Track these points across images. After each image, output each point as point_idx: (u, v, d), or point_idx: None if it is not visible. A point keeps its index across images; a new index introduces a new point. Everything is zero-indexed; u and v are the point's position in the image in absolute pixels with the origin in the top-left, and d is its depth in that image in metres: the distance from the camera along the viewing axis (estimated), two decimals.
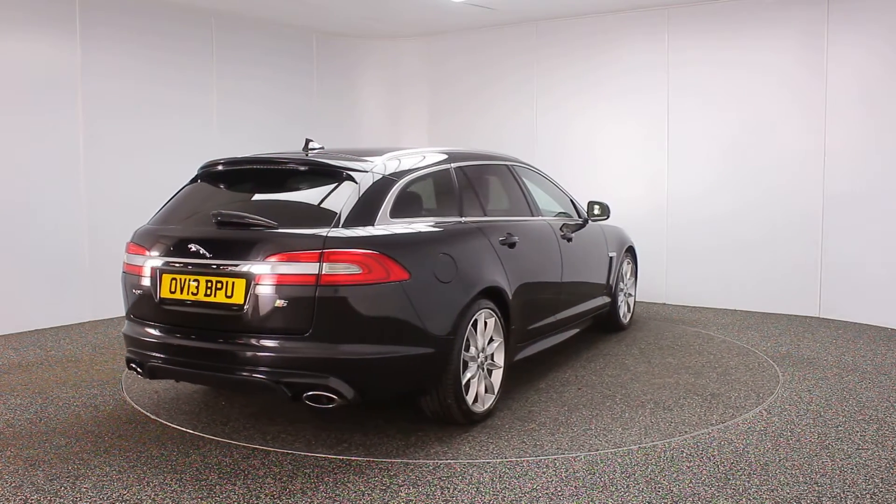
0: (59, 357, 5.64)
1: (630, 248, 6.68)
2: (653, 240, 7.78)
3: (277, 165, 4.00)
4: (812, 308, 7.11)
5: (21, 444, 3.79)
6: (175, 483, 3.30)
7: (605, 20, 8.01)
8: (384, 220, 3.71)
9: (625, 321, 6.53)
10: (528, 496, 3.16)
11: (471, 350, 3.97)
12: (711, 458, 3.57)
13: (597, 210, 5.91)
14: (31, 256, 6.57)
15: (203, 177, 4.20)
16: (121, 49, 7.10)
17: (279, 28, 8.57)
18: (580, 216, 5.86)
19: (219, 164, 4.13)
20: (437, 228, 4.02)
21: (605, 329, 6.38)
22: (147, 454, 3.65)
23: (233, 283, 3.51)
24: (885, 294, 6.60)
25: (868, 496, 3.15)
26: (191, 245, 3.65)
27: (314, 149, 4.30)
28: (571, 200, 5.89)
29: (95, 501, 3.12)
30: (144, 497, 3.16)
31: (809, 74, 6.95)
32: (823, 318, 6.98)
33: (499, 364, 4.24)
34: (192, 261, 3.64)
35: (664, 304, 7.80)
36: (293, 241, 3.46)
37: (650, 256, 7.71)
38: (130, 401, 4.54)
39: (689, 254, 7.70)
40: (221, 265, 3.56)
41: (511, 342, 4.39)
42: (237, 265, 3.51)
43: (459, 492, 3.21)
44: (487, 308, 4.08)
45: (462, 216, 4.29)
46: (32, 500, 3.13)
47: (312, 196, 3.88)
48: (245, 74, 8.19)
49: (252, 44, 8.29)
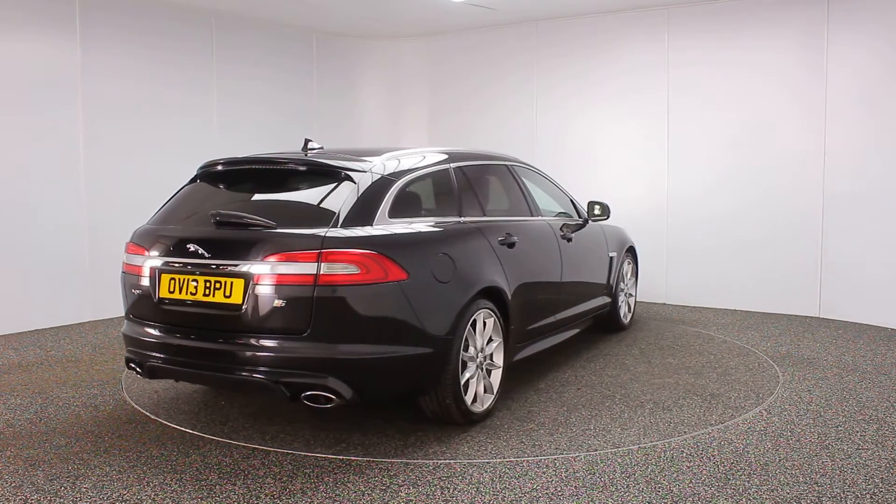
0: (59, 357, 5.64)
1: (631, 248, 6.68)
2: (653, 240, 7.78)
3: (276, 165, 4.00)
4: (812, 308, 7.10)
5: (21, 444, 3.79)
6: (175, 483, 3.30)
7: (605, 20, 8.01)
8: (383, 220, 3.71)
9: (625, 321, 6.53)
10: (528, 496, 3.16)
11: (470, 350, 3.97)
12: (711, 458, 3.57)
13: (597, 210, 5.90)
14: (31, 256, 6.57)
15: (202, 177, 4.20)
16: (121, 49, 7.10)
17: (279, 28, 8.57)
18: (580, 216, 5.85)
19: (218, 164, 4.13)
20: (436, 228, 4.02)
21: (606, 329, 6.37)
22: (147, 454, 3.65)
23: (231, 283, 3.51)
24: (885, 294, 6.59)
25: (868, 496, 3.15)
26: (189, 245, 3.65)
27: (313, 149, 4.30)
28: (571, 200, 5.89)
29: (95, 501, 3.12)
30: (144, 497, 3.16)
31: (809, 74, 6.95)
32: (823, 318, 6.98)
33: (498, 364, 4.24)
34: (191, 261, 3.64)
35: (664, 304, 7.80)
36: (291, 241, 3.46)
37: (650, 256, 7.71)
38: (130, 401, 4.54)
39: (689, 254, 7.69)
40: (220, 265, 3.56)
41: (510, 342, 4.38)
42: (236, 265, 3.51)
43: (459, 492, 3.21)
44: (486, 308, 4.08)
45: (461, 216, 4.29)
46: (32, 500, 3.14)
47: (311, 196, 3.88)
48: (245, 74, 8.19)
49: (252, 44, 8.29)
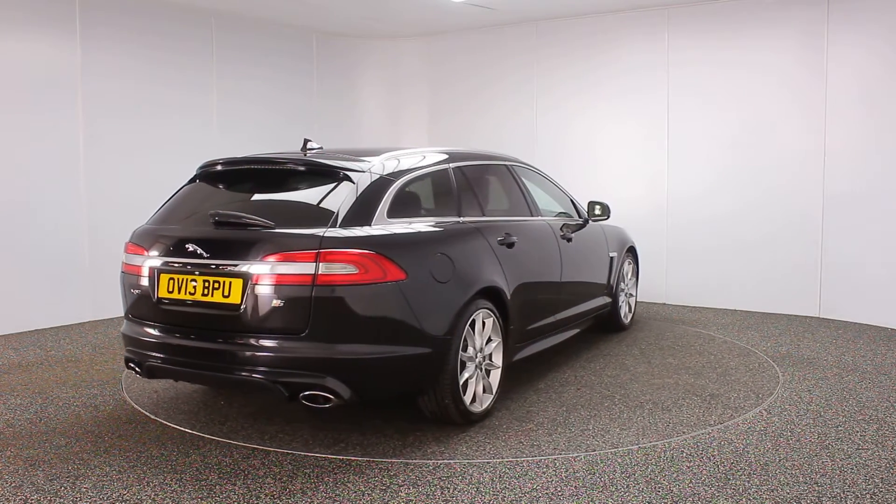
0: (59, 357, 5.64)
1: (631, 248, 6.67)
2: (653, 240, 7.78)
3: (275, 165, 4.00)
4: (812, 308, 7.10)
5: (21, 444, 3.79)
6: (175, 483, 3.30)
7: (605, 20, 8.01)
8: (381, 220, 3.71)
9: (626, 321, 6.52)
10: (528, 496, 3.16)
11: (468, 350, 3.97)
12: (711, 458, 3.57)
13: (597, 210, 5.90)
14: (31, 256, 6.57)
15: (201, 177, 4.20)
16: (121, 49, 7.10)
17: (279, 28, 8.57)
18: (580, 216, 5.85)
19: (217, 164, 4.13)
20: (435, 228, 4.02)
21: (606, 329, 6.37)
22: (147, 454, 3.65)
23: (230, 283, 3.51)
24: (885, 294, 6.59)
25: (868, 496, 3.15)
26: (188, 245, 3.65)
27: (312, 149, 4.30)
28: (572, 200, 5.88)
29: (95, 501, 3.12)
30: (144, 497, 3.16)
31: (809, 74, 6.94)
32: (823, 318, 6.98)
33: (497, 364, 4.24)
34: (190, 261, 3.64)
35: (664, 304, 7.80)
36: (290, 241, 3.46)
37: (650, 256, 7.71)
38: (130, 401, 4.54)
39: (689, 254, 7.69)
40: (219, 265, 3.56)
41: (509, 342, 4.38)
42: (234, 265, 3.51)
43: (459, 492, 3.21)
44: (485, 308, 4.08)
45: (460, 216, 4.29)
46: (32, 500, 3.14)
47: (310, 196, 3.88)
48: (245, 74, 8.19)
49: (252, 44, 8.29)
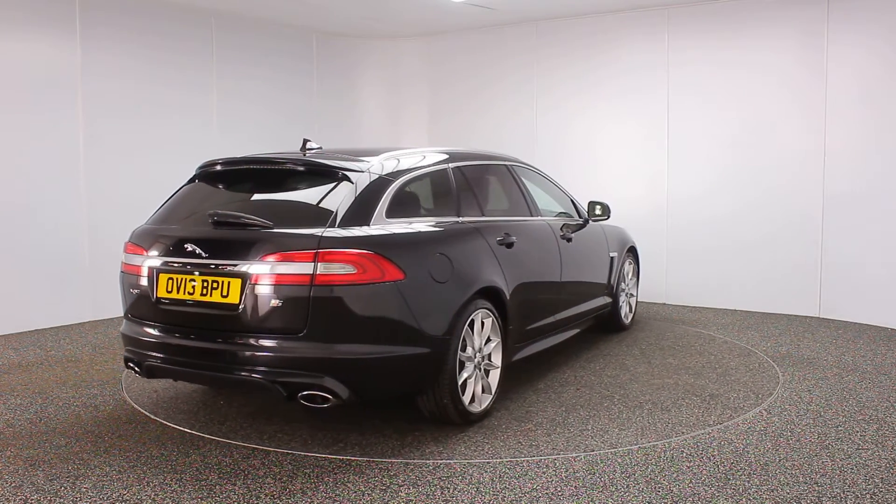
0: (59, 357, 5.64)
1: (632, 248, 6.67)
2: (653, 240, 7.77)
3: (275, 165, 4.00)
4: (812, 308, 7.10)
5: (21, 444, 3.79)
6: (175, 483, 3.30)
7: (605, 20, 8.00)
8: (380, 220, 3.71)
9: (626, 321, 6.52)
10: (528, 496, 3.16)
11: (467, 350, 3.97)
12: (711, 458, 3.57)
13: (598, 210, 5.90)
14: (31, 256, 6.57)
15: (201, 177, 4.20)
16: (121, 49, 7.10)
17: (279, 28, 8.57)
18: (581, 216, 5.85)
19: (216, 164, 4.13)
20: (434, 228, 4.02)
21: (607, 329, 6.37)
22: (147, 454, 3.65)
23: (228, 283, 3.51)
24: (885, 294, 6.59)
25: (868, 496, 3.15)
26: (187, 245, 3.65)
27: (312, 149, 4.30)
28: (572, 200, 5.88)
29: (95, 501, 3.12)
30: (144, 497, 3.16)
31: (809, 74, 6.94)
32: (823, 318, 6.98)
33: (496, 364, 4.24)
34: (189, 260, 3.64)
35: (664, 305, 7.80)
36: (288, 241, 3.46)
37: (650, 256, 7.70)
38: (130, 401, 4.54)
39: (690, 254, 7.69)
40: (217, 265, 3.56)
41: (509, 342, 4.38)
42: (233, 265, 3.51)
43: (459, 492, 3.21)
44: (484, 308, 4.07)
45: (459, 216, 4.28)
46: (32, 500, 3.14)
47: (309, 196, 3.88)
48: (245, 74, 8.19)
49: (252, 44, 8.29)
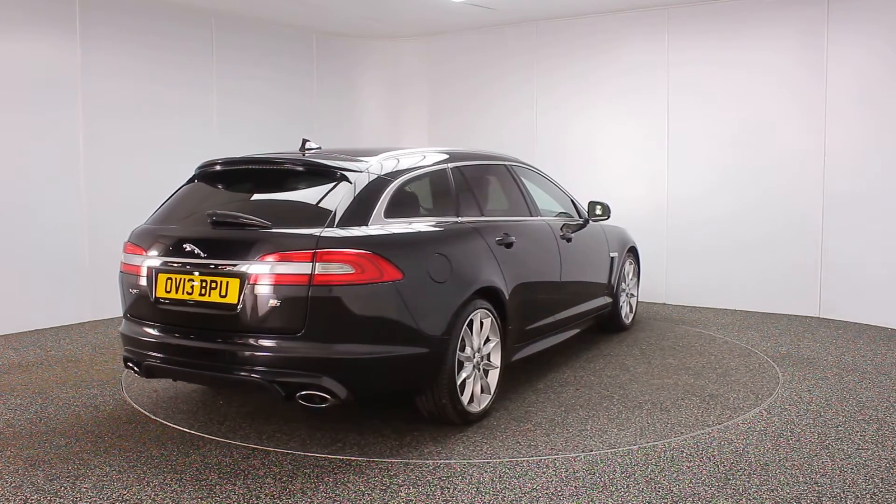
0: (59, 357, 5.64)
1: (632, 248, 6.66)
2: (653, 240, 7.77)
3: (274, 165, 4.00)
4: (812, 308, 7.10)
5: (21, 444, 3.79)
6: (175, 483, 3.30)
7: (605, 20, 8.00)
8: (378, 220, 3.71)
9: (627, 321, 6.52)
10: (528, 496, 3.16)
11: (466, 350, 3.97)
12: (711, 458, 3.57)
13: (598, 210, 5.89)
14: (31, 256, 6.57)
15: (200, 177, 4.20)
16: (121, 49, 7.10)
17: (279, 28, 8.57)
18: (581, 216, 5.84)
19: (216, 164, 4.13)
20: (432, 228, 4.02)
21: (607, 329, 6.37)
22: (147, 454, 3.65)
23: (227, 283, 3.51)
24: (885, 294, 6.59)
25: (868, 496, 3.15)
26: (186, 245, 3.65)
27: (311, 149, 4.30)
28: (572, 200, 5.88)
29: (95, 501, 3.12)
30: (144, 497, 3.16)
31: (809, 74, 6.94)
32: (823, 318, 6.98)
33: (495, 364, 4.24)
34: (188, 260, 3.64)
35: (664, 305, 7.79)
36: (287, 241, 3.47)
37: (650, 256, 7.70)
38: (130, 401, 4.54)
39: (690, 254, 7.69)
40: (216, 265, 3.56)
41: (508, 342, 4.38)
42: (232, 265, 3.52)
43: (459, 492, 3.20)
44: (483, 308, 4.07)
45: (458, 216, 4.28)
46: (32, 500, 3.14)
47: (308, 196, 3.88)
48: (245, 74, 8.19)
49: (252, 44, 8.29)
